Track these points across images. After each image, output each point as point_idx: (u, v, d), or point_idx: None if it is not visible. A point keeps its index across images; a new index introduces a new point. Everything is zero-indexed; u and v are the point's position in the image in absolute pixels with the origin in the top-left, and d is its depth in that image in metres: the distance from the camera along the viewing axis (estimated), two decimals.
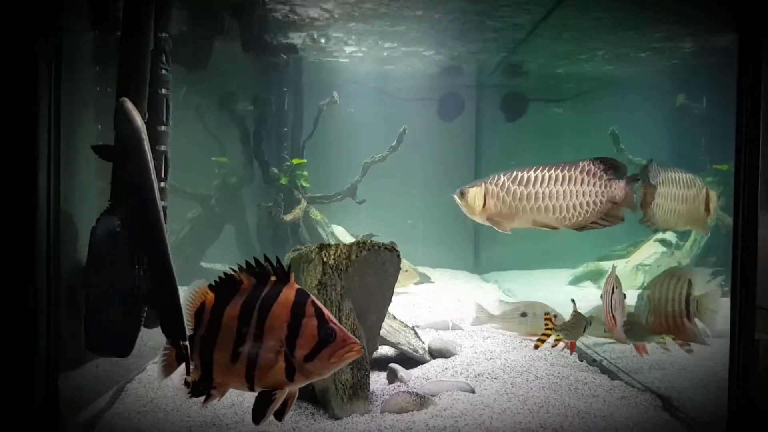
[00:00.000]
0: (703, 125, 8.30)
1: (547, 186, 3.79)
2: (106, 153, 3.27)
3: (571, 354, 4.59)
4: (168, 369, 3.04)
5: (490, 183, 3.95)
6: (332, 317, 2.94)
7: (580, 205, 3.75)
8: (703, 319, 3.80)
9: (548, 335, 4.18)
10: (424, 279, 8.44)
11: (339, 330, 2.91)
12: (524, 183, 3.83)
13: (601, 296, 4.04)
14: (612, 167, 3.79)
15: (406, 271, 7.93)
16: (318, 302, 2.95)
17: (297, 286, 2.99)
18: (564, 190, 3.77)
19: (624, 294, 3.96)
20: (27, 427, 2.89)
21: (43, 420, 2.95)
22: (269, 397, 2.96)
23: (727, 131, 3.33)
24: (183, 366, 3.02)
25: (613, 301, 3.91)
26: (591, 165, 3.77)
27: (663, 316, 3.85)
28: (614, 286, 3.92)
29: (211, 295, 3.01)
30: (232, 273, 3.00)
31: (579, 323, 4.20)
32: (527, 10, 6.64)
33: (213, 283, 3.03)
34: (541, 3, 6.40)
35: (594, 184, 3.74)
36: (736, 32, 3.32)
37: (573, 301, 4.19)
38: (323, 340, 2.89)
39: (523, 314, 5.35)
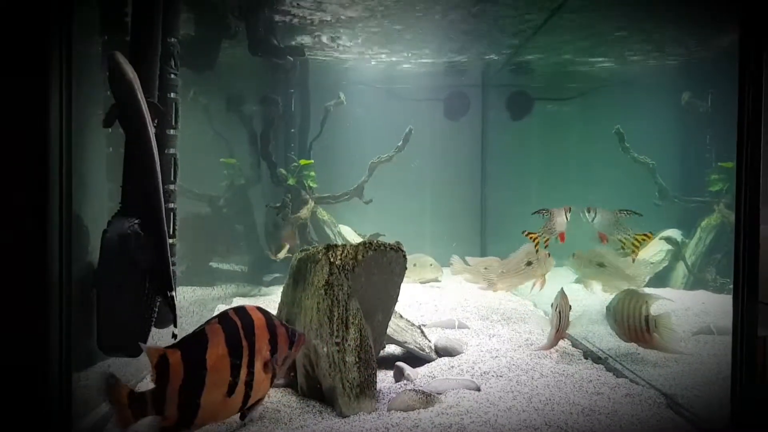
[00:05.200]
0: (709, 123, 8.30)
1: None
2: (110, 117, 3.33)
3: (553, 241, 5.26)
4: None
5: None
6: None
7: None
8: (663, 336, 4.56)
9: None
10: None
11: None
12: None
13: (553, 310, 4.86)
14: None
15: (431, 265, 8.36)
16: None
17: (251, 305, 3.36)
18: None
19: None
20: (40, 426, 2.94)
21: (56, 419, 3.00)
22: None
23: (733, 129, 3.35)
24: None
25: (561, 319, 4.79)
26: None
27: (627, 327, 4.65)
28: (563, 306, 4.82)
29: (172, 350, 3.08)
30: (196, 334, 3.18)
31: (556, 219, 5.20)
32: (532, 10, 6.68)
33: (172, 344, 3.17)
34: (546, 3, 6.43)
35: None
36: (738, 29, 3.33)
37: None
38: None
39: (486, 268, 6.61)
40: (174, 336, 3.39)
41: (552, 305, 4.90)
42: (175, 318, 3.25)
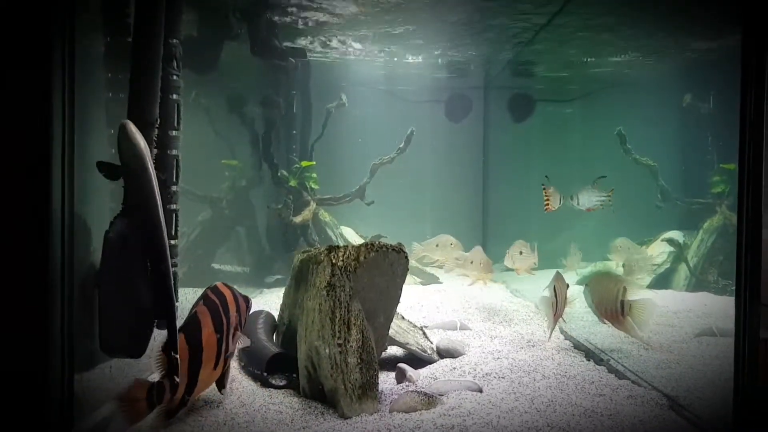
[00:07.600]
0: (710, 125, 8.31)
1: None
2: (110, 172, 3.30)
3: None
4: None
5: None
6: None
7: None
8: (636, 322, 4.71)
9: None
10: (432, 279, 8.47)
11: (246, 295, 3.88)
12: None
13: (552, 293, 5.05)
14: None
15: (452, 245, 7.99)
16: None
17: (221, 283, 3.74)
18: None
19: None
20: (42, 427, 2.94)
21: (58, 420, 3.00)
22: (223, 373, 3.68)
23: (735, 130, 3.34)
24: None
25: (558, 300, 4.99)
26: None
27: (603, 306, 4.84)
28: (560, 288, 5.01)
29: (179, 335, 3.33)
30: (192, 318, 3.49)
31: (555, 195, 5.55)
32: (534, 13, 6.69)
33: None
34: (549, 5, 6.44)
35: None
36: (741, 31, 3.33)
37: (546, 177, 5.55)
38: (248, 307, 3.82)
39: (472, 262, 6.79)
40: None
41: (548, 286, 5.06)
42: (174, 369, 3.25)
